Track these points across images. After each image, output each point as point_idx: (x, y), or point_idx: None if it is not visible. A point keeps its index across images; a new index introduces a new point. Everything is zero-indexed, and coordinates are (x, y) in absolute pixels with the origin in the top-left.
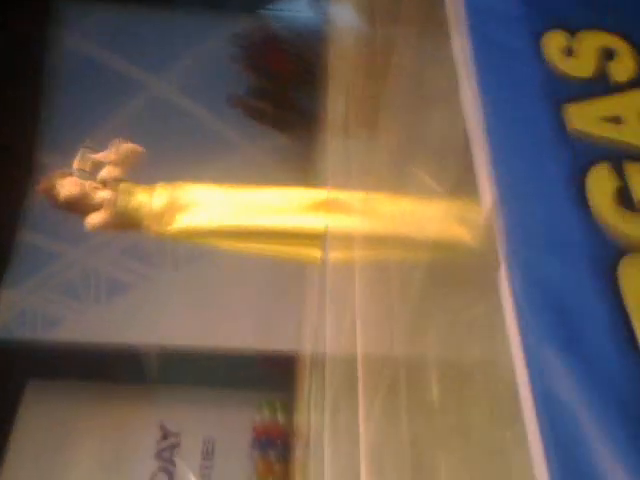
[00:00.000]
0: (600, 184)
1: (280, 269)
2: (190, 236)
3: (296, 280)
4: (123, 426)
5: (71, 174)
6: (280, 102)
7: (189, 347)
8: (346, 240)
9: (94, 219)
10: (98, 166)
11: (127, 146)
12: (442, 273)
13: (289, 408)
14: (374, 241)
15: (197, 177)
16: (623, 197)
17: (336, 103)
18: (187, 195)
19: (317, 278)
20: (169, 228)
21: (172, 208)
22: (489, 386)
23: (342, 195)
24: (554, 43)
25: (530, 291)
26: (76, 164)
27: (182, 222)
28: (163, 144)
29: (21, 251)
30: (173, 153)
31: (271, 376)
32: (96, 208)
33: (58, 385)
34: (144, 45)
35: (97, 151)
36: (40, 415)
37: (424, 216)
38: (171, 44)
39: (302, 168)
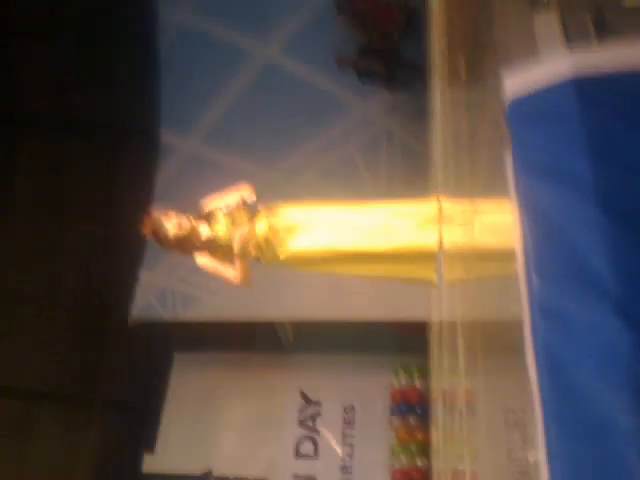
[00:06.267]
0: None
1: None
2: (300, 263)
3: None
4: (266, 394)
5: (172, 213)
6: (389, 59)
7: (324, 320)
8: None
9: (203, 260)
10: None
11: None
12: None
13: (425, 372)
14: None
15: (314, 142)
16: None
17: (444, 54)
18: (290, 220)
19: None
20: (277, 257)
21: (277, 237)
22: None
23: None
24: None
25: None
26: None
27: (289, 250)
28: (277, 110)
29: None
30: (288, 118)
31: (406, 340)
32: (202, 244)
33: (202, 357)
34: (246, 11)
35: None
36: (189, 384)
37: None
38: (275, 6)
39: (415, 122)
